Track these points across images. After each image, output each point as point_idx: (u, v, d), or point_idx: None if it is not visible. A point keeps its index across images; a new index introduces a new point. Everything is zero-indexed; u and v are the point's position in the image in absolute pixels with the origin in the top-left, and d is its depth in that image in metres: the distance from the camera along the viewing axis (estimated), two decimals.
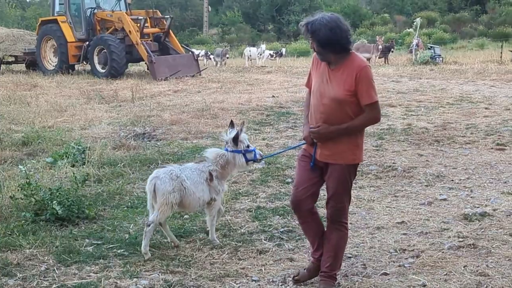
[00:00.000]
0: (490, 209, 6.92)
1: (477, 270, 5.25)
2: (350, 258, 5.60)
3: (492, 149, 10.06)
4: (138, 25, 23.09)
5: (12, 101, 15.69)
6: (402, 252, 5.74)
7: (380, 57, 30.83)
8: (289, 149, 5.27)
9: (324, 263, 4.94)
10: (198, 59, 25.29)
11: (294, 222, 6.58)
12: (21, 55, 27.03)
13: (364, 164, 8.95)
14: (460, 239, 6.00)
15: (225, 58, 33.03)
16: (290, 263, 5.51)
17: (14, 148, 10.08)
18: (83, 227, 6.43)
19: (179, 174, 5.68)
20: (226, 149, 5.83)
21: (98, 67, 23.13)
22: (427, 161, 9.29)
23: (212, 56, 34.03)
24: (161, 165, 7.75)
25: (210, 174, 5.82)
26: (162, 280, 5.09)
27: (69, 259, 5.49)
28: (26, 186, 6.55)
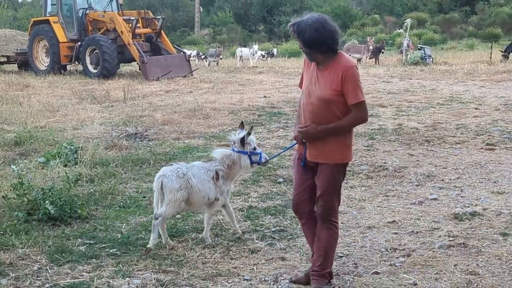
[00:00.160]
0: (480, 208, 6.95)
1: (467, 269, 5.28)
2: (341, 257, 5.61)
3: (482, 149, 10.10)
4: (130, 25, 23.11)
5: (4, 101, 15.66)
6: (393, 251, 5.76)
7: (370, 57, 30.88)
8: (286, 149, 5.31)
9: (315, 262, 4.96)
10: (190, 60, 25.28)
11: (285, 222, 6.63)
12: (13, 55, 27.00)
13: (355, 164, 9.00)
14: (450, 238, 6.02)
15: (218, 58, 33.11)
16: (282, 262, 5.52)
17: (6, 148, 10.06)
18: (76, 227, 6.44)
19: (186, 172, 5.75)
20: (232, 149, 5.92)
21: (90, 68, 23.11)
22: (418, 161, 9.32)
23: (203, 56, 34.09)
24: (168, 163, 7.68)
25: (217, 173, 5.89)
26: (154, 279, 5.10)
27: (61, 259, 5.50)
28: (19, 186, 6.56)
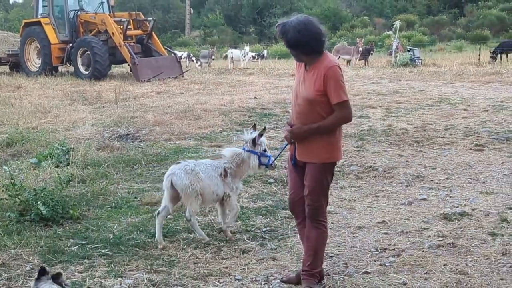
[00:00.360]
0: (469, 208, 6.99)
1: (456, 269, 5.31)
2: (332, 257, 5.64)
3: (470, 149, 10.15)
4: (121, 27, 23.10)
5: None
6: (383, 251, 5.79)
7: (360, 59, 30.98)
8: (282, 150, 5.38)
9: (305, 262, 4.99)
10: (181, 61, 25.28)
11: (276, 222, 6.66)
12: (4, 57, 26.92)
13: (345, 164, 9.05)
14: (440, 238, 6.06)
15: (211, 59, 33.13)
16: (273, 262, 5.55)
17: None
18: (68, 227, 6.45)
19: (194, 167, 5.85)
20: (243, 148, 6.03)
21: (82, 69, 23.07)
22: (407, 161, 9.37)
23: (194, 58, 34.08)
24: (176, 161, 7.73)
25: (225, 171, 5.98)
26: (146, 279, 5.11)
27: (54, 259, 5.51)
28: (11, 187, 6.56)
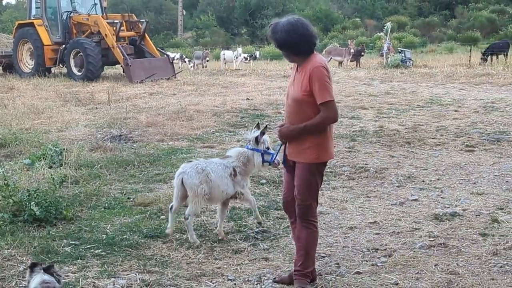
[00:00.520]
0: (460, 209, 7.04)
1: (447, 269, 5.35)
2: (324, 257, 5.67)
3: (461, 150, 10.21)
4: (114, 28, 23.09)
5: None
6: (374, 251, 5.83)
7: (352, 60, 31.07)
8: (279, 150, 5.42)
9: (296, 262, 5.01)
10: (173, 62, 25.29)
11: (268, 223, 6.68)
12: None
13: (337, 165, 9.09)
14: (431, 239, 6.10)
15: (205, 60, 33.14)
16: (265, 263, 5.57)
17: None
18: (61, 228, 6.45)
19: (205, 167, 5.97)
20: (247, 146, 6.14)
21: (75, 70, 23.06)
22: (399, 162, 9.42)
23: (187, 59, 34.07)
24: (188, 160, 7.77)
25: (234, 170, 6.10)
26: (139, 279, 5.13)
27: (47, 260, 5.49)
28: (4, 188, 6.56)
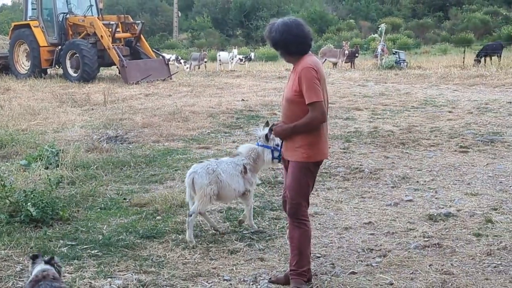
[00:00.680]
0: (454, 209, 7.08)
1: (442, 269, 5.38)
2: (319, 257, 5.70)
3: (455, 151, 10.23)
4: (110, 30, 23.07)
5: None
6: (369, 251, 5.86)
7: (346, 61, 31.08)
8: (279, 150, 5.48)
9: (291, 262, 5.05)
10: (169, 64, 25.31)
11: (264, 223, 6.72)
12: None
13: (331, 166, 9.13)
14: (425, 239, 6.13)
15: (203, 61, 33.15)
16: (261, 263, 5.60)
17: None
18: (57, 228, 6.47)
19: (215, 168, 6.08)
20: (257, 143, 6.21)
21: (70, 71, 23.05)
22: (393, 163, 9.45)
23: (183, 60, 34.05)
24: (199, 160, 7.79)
25: (244, 167, 6.19)
26: (135, 280, 5.15)
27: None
28: (1, 188, 6.58)
